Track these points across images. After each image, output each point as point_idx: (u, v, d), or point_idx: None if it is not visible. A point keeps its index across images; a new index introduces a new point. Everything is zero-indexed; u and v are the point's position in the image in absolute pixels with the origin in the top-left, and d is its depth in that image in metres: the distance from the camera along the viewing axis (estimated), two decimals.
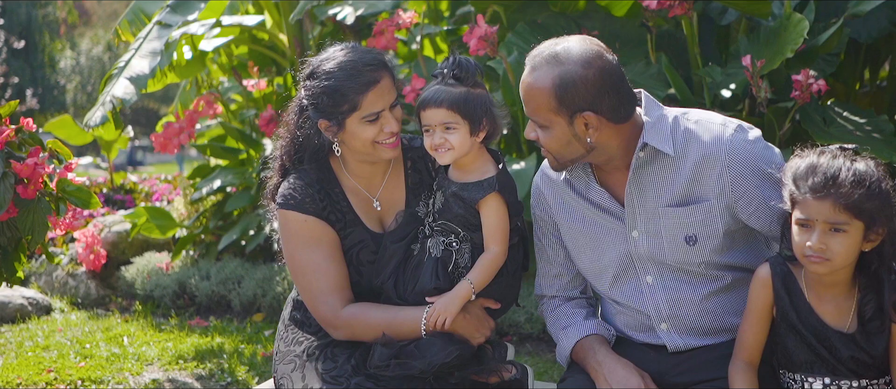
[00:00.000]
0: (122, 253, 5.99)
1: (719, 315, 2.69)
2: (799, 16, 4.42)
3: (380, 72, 2.71)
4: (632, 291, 2.73)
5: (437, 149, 2.70)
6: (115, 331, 5.12)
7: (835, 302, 2.47)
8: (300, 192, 2.79)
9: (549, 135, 2.58)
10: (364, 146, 2.76)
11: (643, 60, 4.92)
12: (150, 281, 5.63)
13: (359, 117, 2.71)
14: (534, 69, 2.54)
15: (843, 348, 2.45)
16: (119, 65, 5.23)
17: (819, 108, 4.74)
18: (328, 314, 2.78)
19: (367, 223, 2.86)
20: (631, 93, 2.59)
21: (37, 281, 6.17)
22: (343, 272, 2.80)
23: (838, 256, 2.37)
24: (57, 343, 4.87)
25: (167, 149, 5.83)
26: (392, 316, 2.76)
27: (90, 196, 3.88)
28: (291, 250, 2.81)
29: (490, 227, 2.74)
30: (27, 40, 21.09)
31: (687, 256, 2.64)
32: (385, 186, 2.89)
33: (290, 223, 2.80)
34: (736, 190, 2.58)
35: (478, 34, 4.49)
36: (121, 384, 4.29)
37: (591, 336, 2.77)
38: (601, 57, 2.51)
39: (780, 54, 4.39)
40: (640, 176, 2.63)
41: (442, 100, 2.68)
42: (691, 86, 4.97)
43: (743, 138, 2.59)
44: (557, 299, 2.91)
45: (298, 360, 2.83)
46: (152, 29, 5.31)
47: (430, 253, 2.78)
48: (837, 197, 2.33)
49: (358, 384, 2.70)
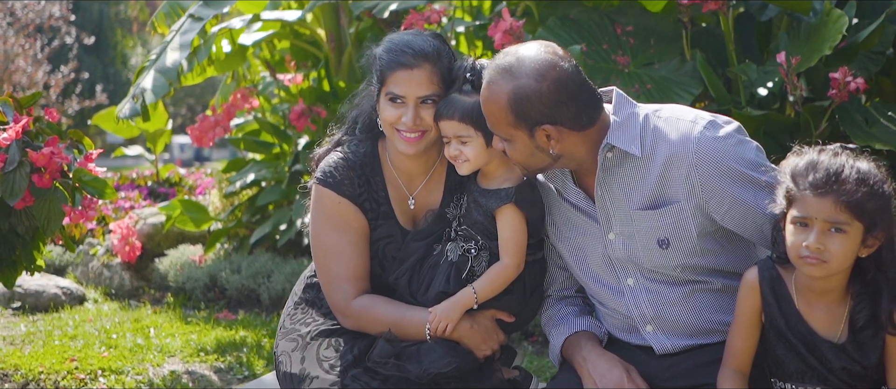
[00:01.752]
0: (158, 245, 6.04)
1: (708, 313, 2.58)
2: (839, 12, 4.25)
3: (418, 60, 2.65)
4: (614, 293, 2.65)
5: (454, 159, 2.66)
6: (144, 322, 5.16)
7: (826, 309, 2.34)
8: (341, 172, 2.77)
9: (513, 147, 2.51)
10: (386, 127, 2.72)
11: (678, 57, 4.79)
12: (183, 273, 5.67)
13: (385, 92, 2.69)
14: (489, 83, 2.47)
15: (834, 358, 2.33)
16: (151, 57, 5.26)
17: (861, 108, 4.56)
18: (340, 300, 2.75)
19: (400, 218, 2.82)
20: (593, 97, 2.49)
21: (73, 271, 6.26)
22: (365, 262, 2.77)
23: (836, 258, 2.24)
24: (84, 333, 4.92)
25: (202, 142, 5.86)
26: (401, 315, 2.72)
27: (106, 186, 3.90)
28: (318, 228, 2.78)
29: (504, 238, 2.67)
30: (99, 37, 21.56)
31: (661, 260, 2.54)
32: (424, 185, 2.85)
33: (324, 200, 2.77)
34: (706, 189, 2.47)
35: (503, 28, 4.41)
36: (140, 374, 4.31)
37: (579, 332, 2.70)
38: (555, 67, 2.43)
39: (818, 51, 4.23)
40: (609, 177, 2.54)
41: (454, 111, 2.62)
42: (730, 84, 4.83)
43: (712, 135, 2.46)
44: (552, 298, 2.84)
45: (300, 340, 2.79)
46: (185, 22, 5.33)
47: (448, 257, 2.73)
48: (840, 195, 2.21)
49: (355, 376, 2.65)
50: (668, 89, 4.61)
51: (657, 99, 4.45)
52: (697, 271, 2.56)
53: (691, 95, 4.57)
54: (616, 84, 4.65)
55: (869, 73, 4.75)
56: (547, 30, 4.80)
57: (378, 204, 2.79)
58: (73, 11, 19.10)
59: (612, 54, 4.80)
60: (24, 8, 16.03)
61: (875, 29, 4.32)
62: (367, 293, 2.77)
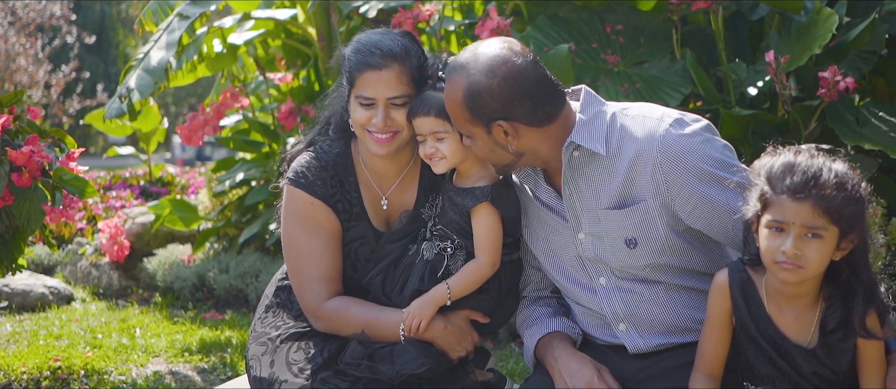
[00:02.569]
0: (147, 244, 6.01)
1: (681, 310, 2.54)
2: (829, 11, 4.21)
3: (386, 61, 2.61)
4: (587, 292, 2.62)
5: (430, 158, 2.63)
6: (130, 322, 5.13)
7: (796, 314, 2.29)
8: (313, 173, 2.73)
9: (475, 144, 2.50)
10: (357, 128, 2.69)
11: (668, 56, 4.75)
12: (171, 273, 5.64)
13: (354, 94, 2.65)
14: (447, 80, 2.47)
15: (804, 363, 2.28)
16: (138, 56, 5.23)
17: (852, 108, 4.52)
18: (312, 302, 2.71)
19: (373, 219, 2.78)
20: (552, 93, 2.46)
21: (62, 270, 6.23)
22: (337, 263, 2.74)
23: (812, 264, 2.19)
24: (70, 333, 4.90)
25: (192, 141, 5.83)
26: (374, 316, 2.68)
27: (87, 185, 3.87)
28: (290, 229, 2.75)
29: (479, 237, 2.64)
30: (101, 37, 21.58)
31: (630, 260, 2.51)
32: (398, 186, 2.81)
33: (296, 201, 2.74)
34: (671, 188, 2.43)
35: (490, 27, 4.37)
36: (123, 374, 4.28)
37: (553, 333, 2.67)
38: (508, 62, 2.40)
39: (808, 50, 4.19)
40: (576, 176, 2.51)
41: (429, 107, 2.58)
42: (722, 84, 4.78)
43: (678, 133, 2.43)
44: (527, 299, 2.81)
45: (270, 344, 2.76)
46: (172, 20, 5.30)
47: (423, 256, 2.70)
48: (818, 200, 2.15)
49: (324, 379, 2.62)
50: (657, 88, 4.57)
51: (647, 98, 4.41)
52: (668, 271, 2.53)
53: (681, 95, 4.53)
54: (605, 83, 4.62)
55: (861, 73, 4.71)
56: (536, 28, 4.77)
57: (351, 204, 2.76)
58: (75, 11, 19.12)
59: (602, 53, 4.76)
60: (24, 7, 16.03)
61: (865, 28, 4.27)
62: (339, 294, 2.73)
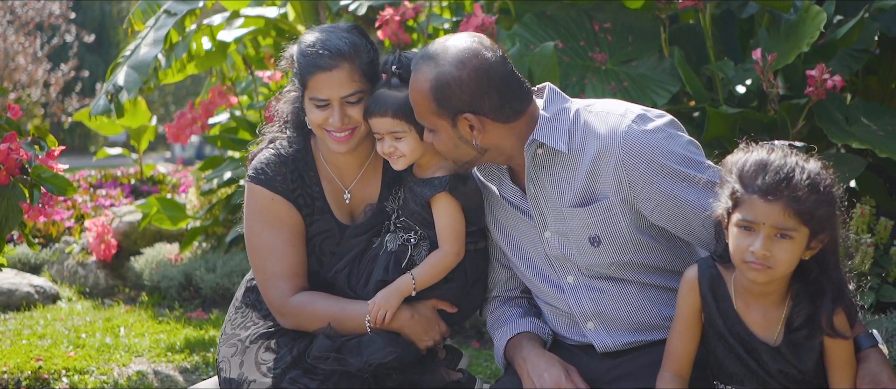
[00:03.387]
0: (134, 243, 5.98)
1: (649, 308, 2.52)
2: (817, 8, 4.17)
3: (336, 60, 2.59)
4: (555, 290, 2.60)
5: (389, 156, 2.61)
6: (115, 322, 5.10)
7: (763, 311, 2.27)
8: (273, 169, 2.71)
9: (438, 138, 2.47)
10: (316, 128, 2.67)
11: (656, 55, 4.71)
12: (158, 272, 5.61)
13: (308, 97, 2.63)
14: (414, 71, 2.44)
15: (770, 360, 2.26)
16: (125, 53, 5.21)
17: (841, 106, 4.48)
18: (277, 299, 2.69)
19: (336, 213, 2.76)
20: (519, 89, 2.45)
21: (49, 269, 6.20)
22: (301, 259, 2.71)
23: (781, 264, 2.17)
24: (54, 332, 4.86)
25: (179, 139, 5.80)
26: (339, 309, 2.66)
27: (67, 183, 3.85)
28: (252, 226, 2.72)
29: (441, 226, 2.63)
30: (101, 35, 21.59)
31: (595, 258, 2.49)
32: (360, 179, 2.79)
33: (256, 198, 2.71)
34: (634, 185, 2.41)
35: (474, 25, 4.33)
36: (105, 374, 4.25)
37: (522, 333, 2.65)
38: (478, 55, 2.39)
39: (796, 48, 4.15)
40: (540, 174, 2.49)
41: (386, 108, 2.57)
42: (712, 83, 4.74)
43: (640, 128, 2.41)
44: (498, 299, 2.78)
45: (240, 345, 2.74)
46: (160, 17, 5.27)
47: (387, 247, 2.69)
48: (790, 201, 2.13)
49: (293, 378, 2.61)
50: (645, 87, 4.54)
51: (634, 97, 4.38)
52: (633, 268, 2.50)
53: (669, 93, 4.50)
54: (592, 81, 4.58)
55: (851, 71, 4.67)
56: (523, 26, 4.73)
57: (312, 199, 2.74)
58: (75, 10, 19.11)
59: (589, 51, 4.72)
60: (23, 6, 16.04)
61: (854, 26, 4.24)
62: (304, 290, 2.71)
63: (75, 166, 10.96)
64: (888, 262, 3.94)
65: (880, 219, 4.03)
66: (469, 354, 4.41)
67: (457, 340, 4.67)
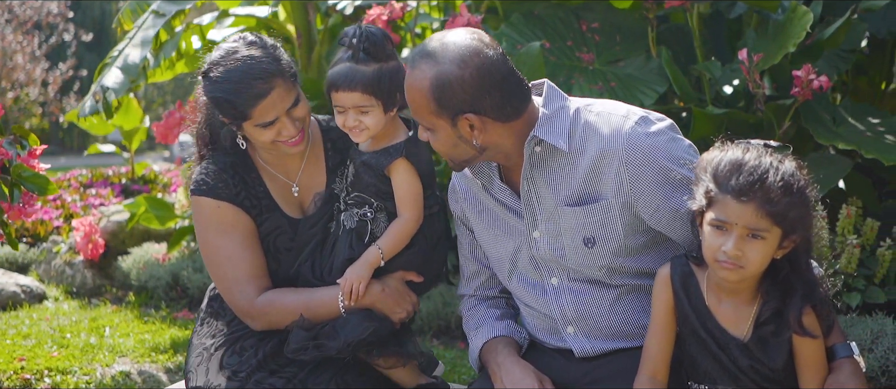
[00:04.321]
0: (122, 243, 5.95)
1: (630, 316, 2.50)
2: (804, 8, 4.16)
3: (270, 83, 2.56)
4: (537, 292, 2.56)
5: (351, 130, 2.60)
6: (100, 322, 5.07)
7: (734, 307, 2.26)
8: (213, 177, 2.70)
9: (436, 138, 2.42)
10: (264, 146, 2.66)
11: (643, 55, 4.69)
12: (145, 272, 5.59)
13: (252, 124, 2.60)
14: (412, 68, 2.38)
15: (741, 357, 2.25)
16: (113, 54, 5.19)
17: (828, 107, 4.47)
18: (244, 303, 2.67)
19: (285, 209, 2.75)
20: (520, 87, 2.40)
21: (36, 268, 6.18)
22: (259, 260, 2.70)
23: (753, 264, 2.16)
24: (39, 332, 4.84)
25: (167, 139, 5.78)
26: (308, 298, 2.65)
27: (47, 183, 3.82)
28: (205, 237, 2.72)
29: (400, 193, 2.64)
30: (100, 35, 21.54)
31: (587, 259, 2.45)
32: (303, 171, 2.79)
33: (203, 209, 2.70)
34: (635, 188, 2.38)
35: (461, 24, 4.31)
36: (87, 374, 4.23)
37: (498, 337, 2.62)
38: (480, 54, 2.33)
39: (783, 48, 4.13)
40: (536, 173, 2.45)
41: (356, 83, 2.54)
42: (700, 83, 4.73)
43: (643, 130, 2.38)
44: (475, 298, 2.76)
45: (206, 354, 2.74)
46: (148, 17, 5.26)
47: (345, 226, 2.69)
48: (763, 203, 2.12)
49: (259, 380, 2.61)
50: (632, 87, 4.52)
51: (621, 97, 4.36)
52: (622, 273, 2.48)
53: (656, 93, 4.48)
54: (579, 81, 4.56)
55: (839, 72, 4.66)
56: (510, 26, 4.71)
57: (258, 199, 2.73)
58: (74, 9, 19.10)
59: (577, 51, 4.70)
60: (21, 5, 16.02)
61: (840, 26, 4.22)
62: (268, 290, 2.70)
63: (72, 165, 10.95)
64: (875, 263, 3.93)
65: (867, 220, 4.01)
66: (454, 354, 4.40)
67: (442, 341, 4.65)
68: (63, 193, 7.24)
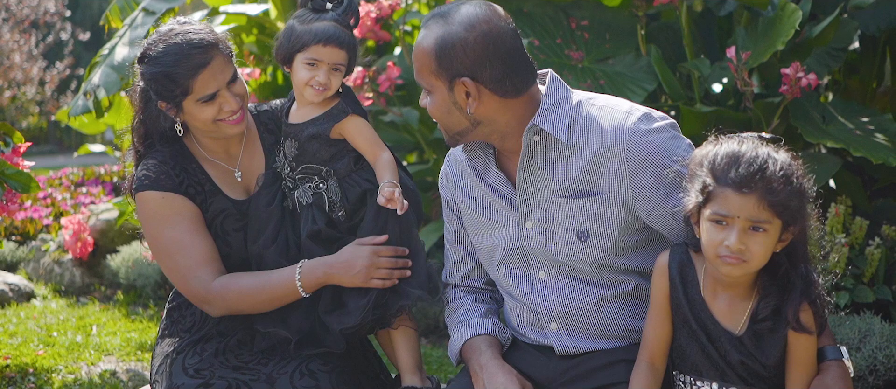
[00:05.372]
0: (112, 241, 5.92)
1: (615, 318, 2.47)
2: (793, 6, 4.13)
3: (209, 53, 2.59)
4: (523, 285, 2.53)
5: (316, 86, 2.62)
6: (88, 320, 5.06)
7: (729, 301, 2.24)
8: (154, 170, 2.69)
9: (433, 101, 2.42)
10: (206, 126, 2.66)
11: (633, 52, 4.67)
12: (134, 270, 5.56)
13: (194, 100, 2.61)
14: (423, 29, 2.40)
15: (732, 350, 2.23)
16: (103, 52, 5.18)
17: (818, 105, 4.44)
18: (200, 289, 2.66)
19: (230, 194, 2.75)
20: (525, 67, 2.38)
21: (25, 267, 6.16)
22: (209, 244, 2.69)
23: (756, 258, 2.14)
24: (25, 331, 4.83)
25: None
26: (265, 280, 2.65)
27: (31, 180, 3.81)
28: (153, 231, 2.70)
29: (361, 143, 2.69)
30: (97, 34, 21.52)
31: (578, 253, 2.42)
32: (244, 155, 2.80)
33: (148, 203, 2.69)
34: (634, 184, 2.36)
35: None
36: (73, 373, 4.21)
37: (481, 335, 2.58)
38: (489, 22, 2.33)
39: (772, 46, 4.11)
40: (533, 163, 2.43)
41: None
42: (691, 81, 4.71)
43: (646, 127, 2.36)
44: (460, 289, 2.73)
45: (168, 359, 2.74)
46: (138, 15, 5.24)
47: (301, 203, 2.70)
48: (765, 193, 2.09)
49: (222, 375, 2.61)
50: (621, 85, 4.50)
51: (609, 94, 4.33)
52: (613, 270, 2.46)
53: (645, 91, 4.46)
54: (568, 80, 4.54)
55: (830, 70, 4.64)
56: None
57: (201, 184, 2.73)
58: (71, 8, 19.09)
59: (566, 49, 4.68)
60: (18, 4, 16.01)
61: (829, 24, 4.20)
62: (222, 274, 2.69)
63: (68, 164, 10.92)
64: (863, 262, 3.90)
65: (856, 219, 3.99)
66: (441, 354, 4.38)
67: (430, 340, 4.63)
68: (54, 192, 7.22)
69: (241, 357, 2.67)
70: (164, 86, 2.60)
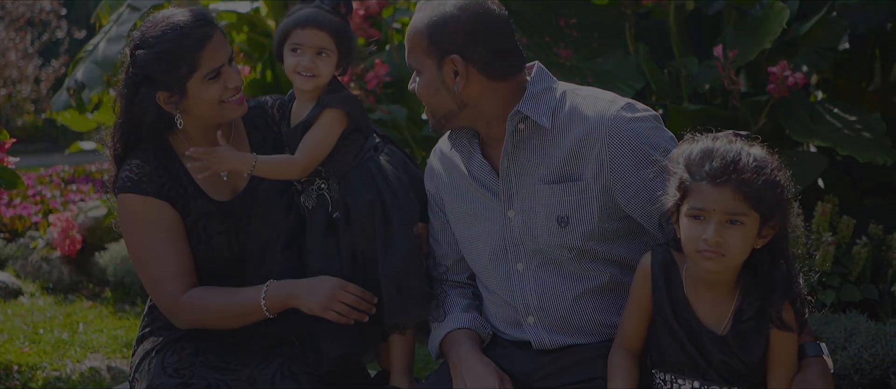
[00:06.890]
0: (100, 238, 5.90)
1: (591, 314, 2.48)
2: (781, 4, 4.14)
3: (209, 27, 2.59)
4: (502, 277, 2.54)
5: (302, 71, 2.59)
6: (75, 318, 5.05)
7: (712, 299, 2.26)
8: (137, 172, 2.65)
9: (421, 81, 2.47)
10: (210, 109, 2.62)
11: (621, 51, 4.67)
12: (122, 268, 5.54)
13: (201, 77, 2.57)
14: (416, 12, 2.46)
15: (714, 350, 2.24)
16: (87, 48, 5.16)
17: (806, 104, 4.44)
18: (169, 300, 2.64)
19: (213, 194, 2.71)
20: (513, 53, 2.46)
21: (13, 264, 6.14)
22: (184, 256, 2.66)
23: (734, 252, 2.16)
24: (11, 328, 4.82)
25: None
26: (231, 298, 2.64)
27: (16, 178, 3.80)
28: (130, 234, 2.68)
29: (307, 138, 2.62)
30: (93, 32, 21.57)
31: (557, 239, 2.44)
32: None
33: (129, 206, 2.66)
34: (614, 171, 2.39)
35: None
36: (57, 370, 4.21)
37: (461, 329, 2.59)
38: (482, 4, 2.41)
39: (759, 45, 4.11)
40: (517, 150, 2.46)
41: (325, 24, 2.59)
42: (679, 79, 4.70)
43: (629, 115, 2.41)
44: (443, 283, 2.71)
45: (147, 358, 2.71)
46: (123, 11, 5.23)
47: (307, 208, 2.68)
48: (738, 185, 2.12)
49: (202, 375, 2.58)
50: (609, 83, 4.48)
51: None
52: (593, 259, 2.47)
53: (633, 89, 4.45)
54: (556, 78, 4.53)
55: (819, 69, 4.64)
56: None
57: (183, 187, 2.69)
58: (67, 6, 19.06)
59: (554, 47, 4.67)
60: (14, 2, 16.00)
61: (817, 22, 4.21)
62: (194, 287, 2.67)
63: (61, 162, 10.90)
64: (850, 261, 3.90)
65: (842, 217, 3.98)
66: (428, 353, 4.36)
67: (418, 338, 4.61)
68: (43, 189, 7.20)
69: (222, 356, 2.65)
70: (170, 65, 2.54)
